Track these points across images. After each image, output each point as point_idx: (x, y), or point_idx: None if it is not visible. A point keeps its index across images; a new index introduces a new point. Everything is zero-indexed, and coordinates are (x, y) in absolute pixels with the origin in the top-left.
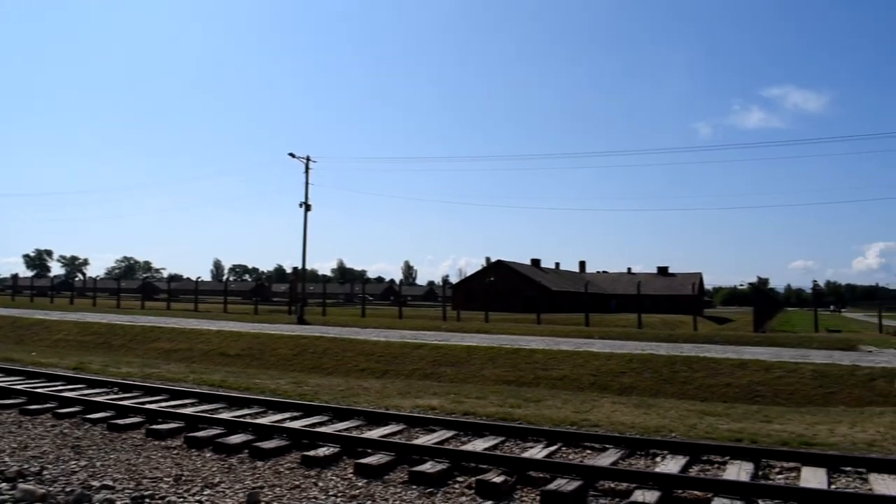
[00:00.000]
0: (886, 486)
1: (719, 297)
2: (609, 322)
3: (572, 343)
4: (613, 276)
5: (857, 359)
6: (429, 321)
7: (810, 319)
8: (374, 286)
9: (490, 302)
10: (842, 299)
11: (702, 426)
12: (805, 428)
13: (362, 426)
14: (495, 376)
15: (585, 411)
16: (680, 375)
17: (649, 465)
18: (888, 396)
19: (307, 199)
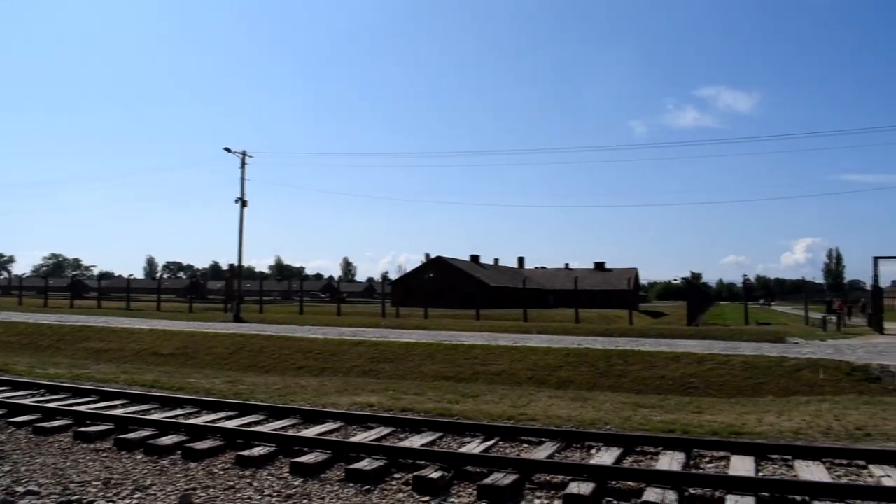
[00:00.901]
0: (811, 472)
1: (654, 291)
2: (547, 317)
3: (511, 338)
4: (551, 272)
5: (784, 350)
6: (368, 318)
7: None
8: (312, 283)
9: (429, 298)
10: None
11: (636, 418)
12: (735, 418)
13: (299, 425)
14: (434, 372)
15: (523, 405)
16: (615, 369)
17: (584, 458)
18: (813, 386)
19: (243, 194)
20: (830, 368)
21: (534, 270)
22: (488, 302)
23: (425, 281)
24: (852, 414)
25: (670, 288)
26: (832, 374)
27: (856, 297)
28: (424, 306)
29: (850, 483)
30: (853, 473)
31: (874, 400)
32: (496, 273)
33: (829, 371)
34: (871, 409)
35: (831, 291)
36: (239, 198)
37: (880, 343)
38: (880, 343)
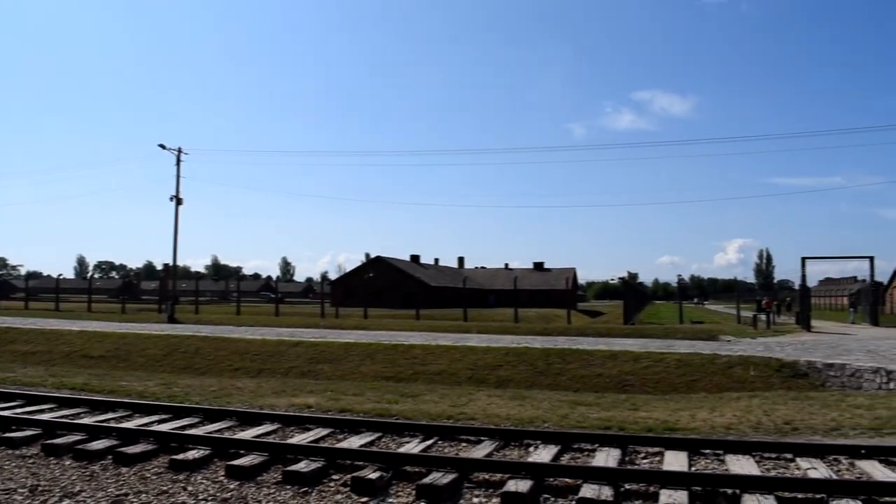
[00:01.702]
0: (741, 465)
1: (592, 291)
2: (487, 317)
3: (451, 338)
4: (491, 272)
5: (717, 348)
6: (307, 318)
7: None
8: (250, 283)
9: (369, 298)
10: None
11: (574, 416)
12: (669, 414)
13: (235, 427)
14: (374, 372)
15: (462, 405)
16: (554, 367)
17: (523, 456)
18: (745, 383)
19: (178, 192)
20: (761, 365)
21: (474, 270)
22: (428, 302)
23: (365, 281)
24: (781, 409)
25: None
26: (762, 370)
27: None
28: (364, 306)
29: (778, 476)
30: (781, 466)
31: (801, 395)
32: (436, 273)
33: (760, 368)
34: (798, 405)
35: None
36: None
37: (808, 340)
38: (808, 340)
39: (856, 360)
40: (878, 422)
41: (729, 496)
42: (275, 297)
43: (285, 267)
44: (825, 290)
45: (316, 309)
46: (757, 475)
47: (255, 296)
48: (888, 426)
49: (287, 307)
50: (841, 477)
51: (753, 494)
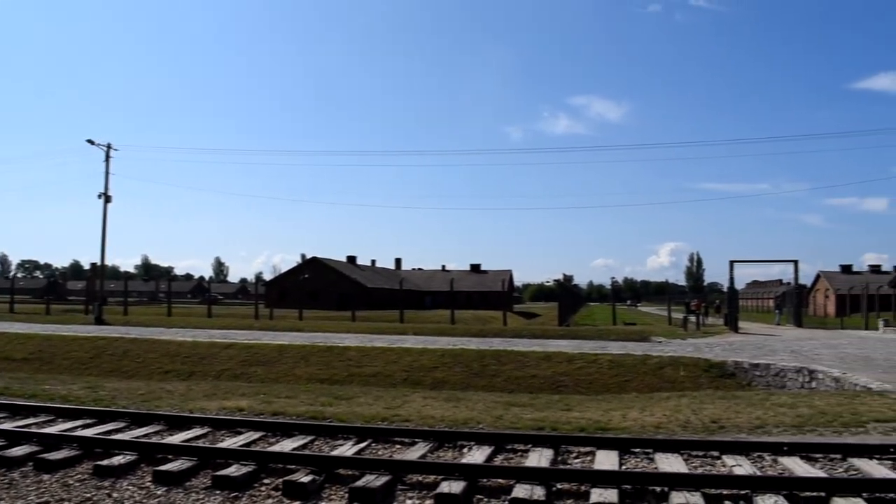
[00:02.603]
0: (670, 464)
1: (528, 293)
2: (423, 318)
3: (386, 340)
4: (428, 273)
5: (648, 349)
6: (240, 320)
7: (609, 313)
8: (182, 283)
9: (304, 299)
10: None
11: (508, 417)
12: (601, 414)
13: (163, 431)
14: (308, 375)
15: (397, 407)
16: (489, 369)
17: (457, 457)
18: (675, 382)
19: (107, 189)
20: (690, 366)
21: (411, 272)
22: (365, 303)
23: (300, 282)
24: (709, 408)
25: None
26: (692, 370)
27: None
28: (299, 308)
29: (705, 473)
30: (708, 464)
31: (728, 394)
32: (373, 274)
33: (689, 368)
34: (725, 403)
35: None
36: (102, 193)
37: (735, 341)
38: (735, 341)
39: (780, 360)
40: (800, 419)
41: (658, 494)
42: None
43: (218, 267)
44: (753, 292)
45: (249, 310)
46: (685, 473)
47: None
48: (809, 423)
49: (220, 308)
50: (764, 473)
51: (681, 492)
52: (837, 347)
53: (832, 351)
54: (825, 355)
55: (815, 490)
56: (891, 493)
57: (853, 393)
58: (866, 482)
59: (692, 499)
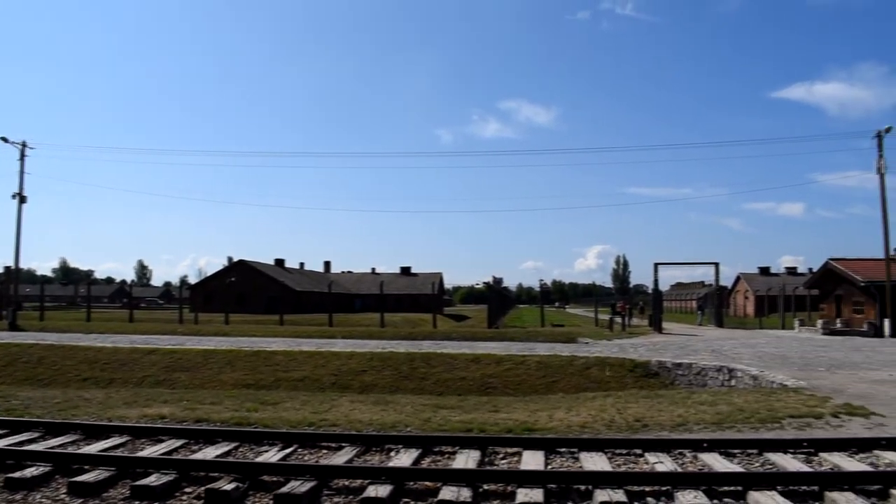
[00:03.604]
0: (594, 462)
1: (459, 295)
2: (353, 321)
3: (314, 343)
4: (358, 276)
5: (575, 350)
6: (163, 324)
7: (538, 315)
8: (102, 287)
9: (231, 303)
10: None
11: (436, 419)
12: (528, 415)
13: (80, 441)
14: (233, 380)
15: (324, 411)
16: (418, 371)
17: (384, 460)
18: (600, 382)
19: (22, 189)
20: (615, 366)
21: (340, 275)
22: (293, 307)
23: (227, 285)
24: (633, 407)
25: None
26: (617, 370)
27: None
28: (226, 312)
29: (628, 471)
30: (632, 462)
31: (652, 394)
32: (302, 277)
33: (615, 368)
34: (649, 402)
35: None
36: (17, 193)
37: (659, 341)
38: (659, 341)
39: (702, 359)
40: (719, 416)
41: (582, 492)
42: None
43: (141, 270)
44: (676, 293)
45: (173, 315)
46: (608, 471)
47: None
48: (728, 420)
49: (142, 313)
50: (685, 470)
51: (605, 489)
52: (756, 346)
53: (751, 350)
54: (744, 354)
55: (733, 485)
56: (803, 485)
57: (770, 390)
58: (781, 476)
59: (615, 496)
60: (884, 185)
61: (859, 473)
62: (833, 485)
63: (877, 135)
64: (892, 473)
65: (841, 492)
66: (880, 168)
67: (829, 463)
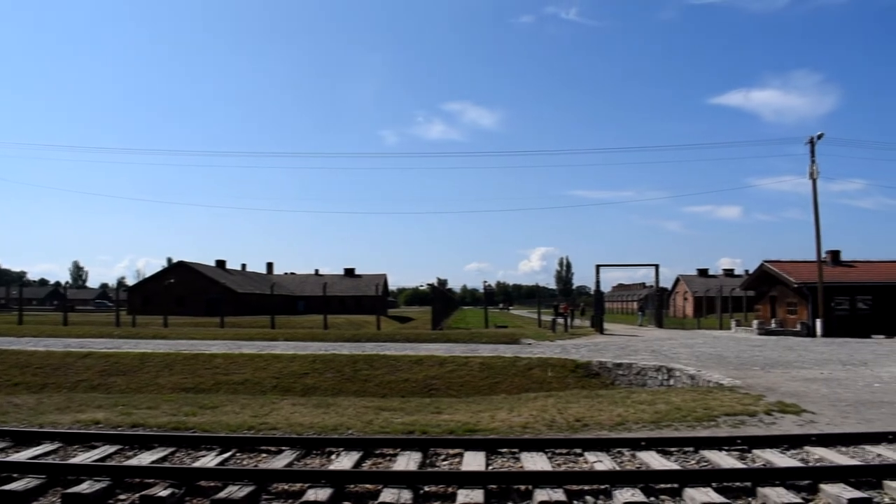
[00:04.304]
0: (534, 462)
1: (403, 297)
2: (296, 323)
3: (256, 346)
4: (301, 278)
5: (518, 351)
6: (100, 327)
7: (482, 316)
8: (35, 289)
9: (170, 305)
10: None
11: (378, 421)
12: (470, 416)
13: (9, 448)
14: (172, 384)
15: (264, 414)
16: (361, 374)
17: (324, 464)
18: (543, 383)
19: None
20: (557, 366)
21: (283, 276)
22: (235, 309)
23: (166, 287)
24: (573, 407)
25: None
26: (559, 371)
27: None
28: (165, 314)
29: (568, 470)
30: (571, 461)
31: (593, 393)
32: (243, 279)
33: (557, 369)
34: (589, 402)
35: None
36: None
37: (600, 342)
38: (600, 342)
39: (642, 359)
40: (657, 415)
41: (522, 492)
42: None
43: (77, 272)
44: (618, 295)
45: (110, 317)
46: (548, 470)
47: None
48: (666, 419)
49: (78, 315)
50: (623, 468)
51: (544, 489)
52: (694, 346)
53: (689, 350)
54: (683, 354)
55: (669, 482)
56: (737, 481)
57: (707, 389)
58: (715, 472)
59: (555, 495)
60: (816, 189)
61: (790, 469)
62: (765, 481)
63: (809, 141)
64: (822, 469)
65: (773, 487)
66: (812, 173)
67: (762, 459)
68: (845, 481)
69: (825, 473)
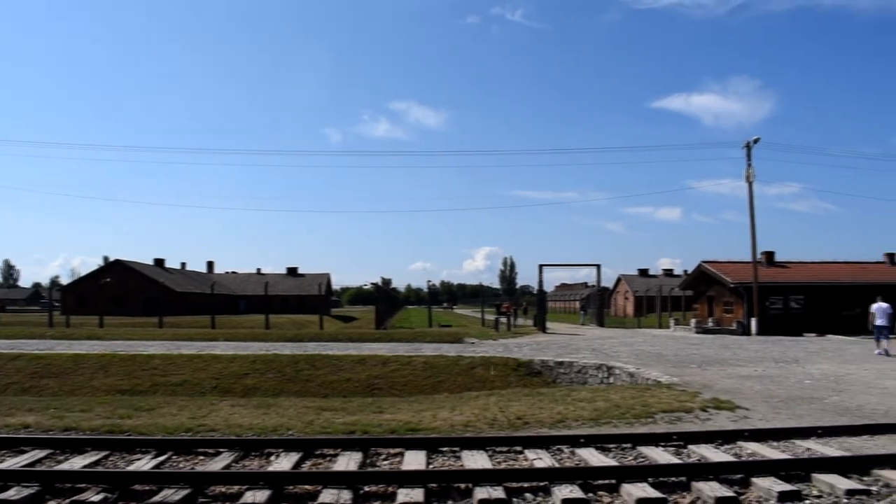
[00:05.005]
0: (475, 460)
1: (347, 296)
2: (237, 323)
3: (195, 346)
4: (243, 277)
5: (461, 350)
6: (31, 328)
7: (426, 316)
8: None
9: (106, 305)
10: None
11: (319, 422)
12: (412, 415)
13: None
14: (107, 386)
15: (203, 416)
16: (303, 374)
17: (263, 465)
18: (485, 381)
19: None
20: (500, 365)
21: (224, 275)
22: (174, 309)
23: (102, 286)
24: (515, 405)
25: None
26: (501, 370)
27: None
28: (100, 314)
29: (508, 468)
30: (512, 459)
31: (534, 392)
32: (183, 278)
33: (499, 367)
34: (531, 400)
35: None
36: None
37: (543, 341)
38: (543, 341)
39: (583, 357)
40: (597, 413)
41: (462, 490)
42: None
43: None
44: (561, 294)
45: (43, 318)
46: (488, 469)
47: None
48: (605, 416)
49: (9, 316)
50: (562, 465)
51: (484, 487)
52: (634, 345)
53: (629, 348)
54: (623, 352)
55: (607, 478)
56: (672, 476)
57: (645, 386)
58: (652, 468)
59: (494, 493)
60: (752, 192)
61: (724, 464)
62: (700, 475)
63: (746, 145)
64: (753, 463)
65: (707, 482)
66: (748, 177)
67: (697, 454)
68: (776, 475)
69: (757, 468)
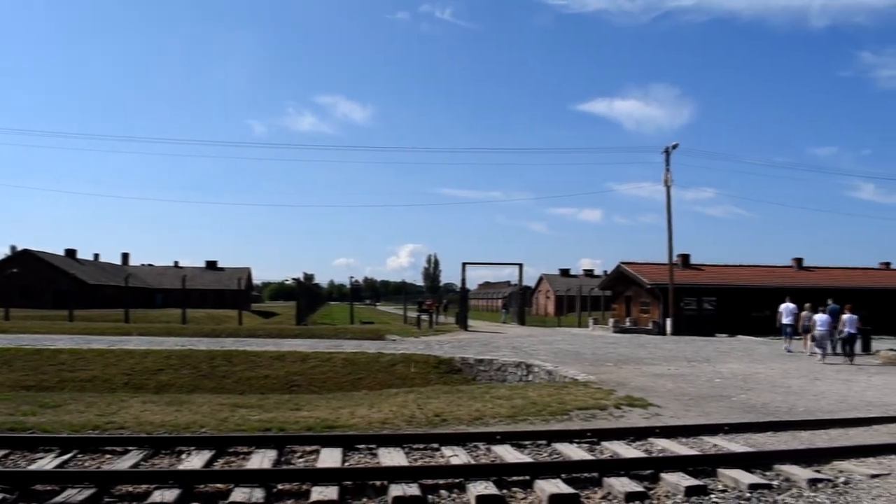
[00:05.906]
0: (391, 458)
1: (268, 291)
2: (152, 318)
3: (107, 341)
4: (159, 270)
5: (382, 347)
6: None
7: (348, 312)
8: None
9: (12, 297)
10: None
11: (234, 419)
12: (330, 413)
13: None
14: (11, 381)
15: (112, 413)
16: (219, 370)
17: (173, 463)
18: (406, 379)
19: None
20: (420, 362)
21: (140, 268)
22: (86, 302)
23: (8, 277)
24: (433, 402)
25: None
26: (422, 367)
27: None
28: (6, 306)
29: (423, 465)
30: (428, 456)
31: (454, 389)
32: (96, 270)
33: (420, 365)
34: (450, 398)
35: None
36: None
37: (464, 339)
38: (464, 339)
39: (503, 356)
40: (514, 410)
41: (377, 488)
42: None
43: None
44: (484, 293)
45: None
46: (404, 466)
47: None
48: (522, 413)
49: None
50: (478, 462)
51: (399, 484)
52: (553, 343)
53: (548, 347)
54: (542, 351)
55: (522, 474)
56: (585, 472)
57: (562, 384)
58: (565, 464)
59: (409, 490)
60: (669, 196)
61: (635, 460)
62: (611, 471)
63: (665, 151)
64: (663, 459)
65: (618, 477)
66: (667, 181)
67: (610, 451)
68: (684, 470)
69: (666, 463)
